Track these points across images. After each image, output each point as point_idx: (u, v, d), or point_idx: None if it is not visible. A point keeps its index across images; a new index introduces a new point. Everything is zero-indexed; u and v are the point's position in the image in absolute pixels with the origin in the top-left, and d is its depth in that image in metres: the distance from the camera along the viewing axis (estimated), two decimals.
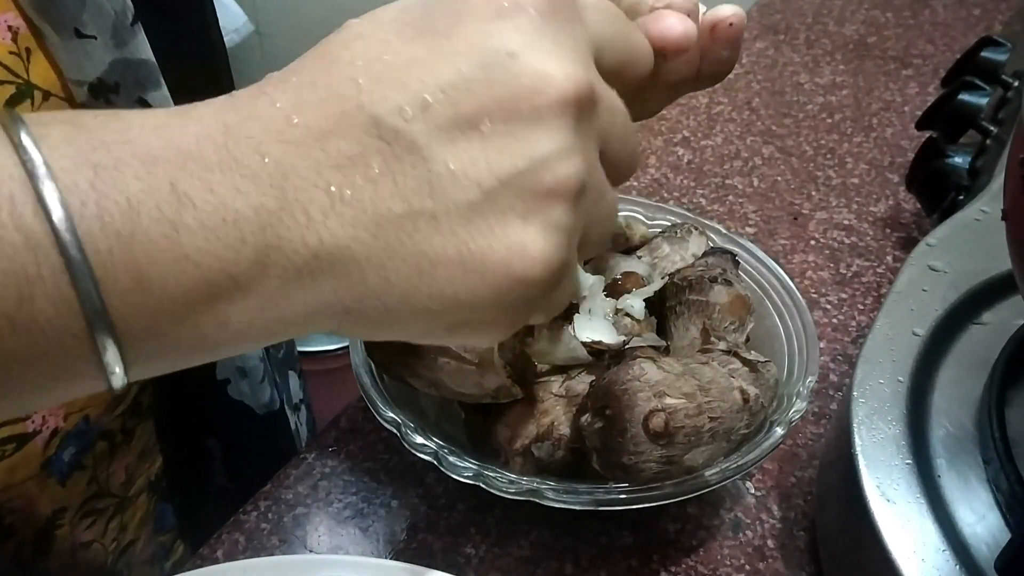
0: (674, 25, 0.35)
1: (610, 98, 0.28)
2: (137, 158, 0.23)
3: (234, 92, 0.26)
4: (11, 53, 0.39)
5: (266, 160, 0.24)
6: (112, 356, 0.23)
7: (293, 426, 0.63)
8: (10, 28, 0.39)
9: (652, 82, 0.40)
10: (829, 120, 0.81)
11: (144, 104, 0.44)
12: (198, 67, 0.52)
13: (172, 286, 0.23)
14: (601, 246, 0.31)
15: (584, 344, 0.45)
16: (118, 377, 0.24)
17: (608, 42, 0.29)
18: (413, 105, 0.24)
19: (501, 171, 0.25)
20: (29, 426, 0.43)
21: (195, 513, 0.60)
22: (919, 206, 0.67)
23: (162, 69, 0.44)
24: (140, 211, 0.22)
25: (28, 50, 0.40)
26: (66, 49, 0.40)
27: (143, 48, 0.43)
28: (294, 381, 0.65)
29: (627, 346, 0.46)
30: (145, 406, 0.52)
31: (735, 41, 0.37)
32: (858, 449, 0.42)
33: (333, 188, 0.24)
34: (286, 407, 0.61)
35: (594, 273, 0.51)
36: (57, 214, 0.22)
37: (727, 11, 0.37)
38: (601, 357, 0.46)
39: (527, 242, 0.25)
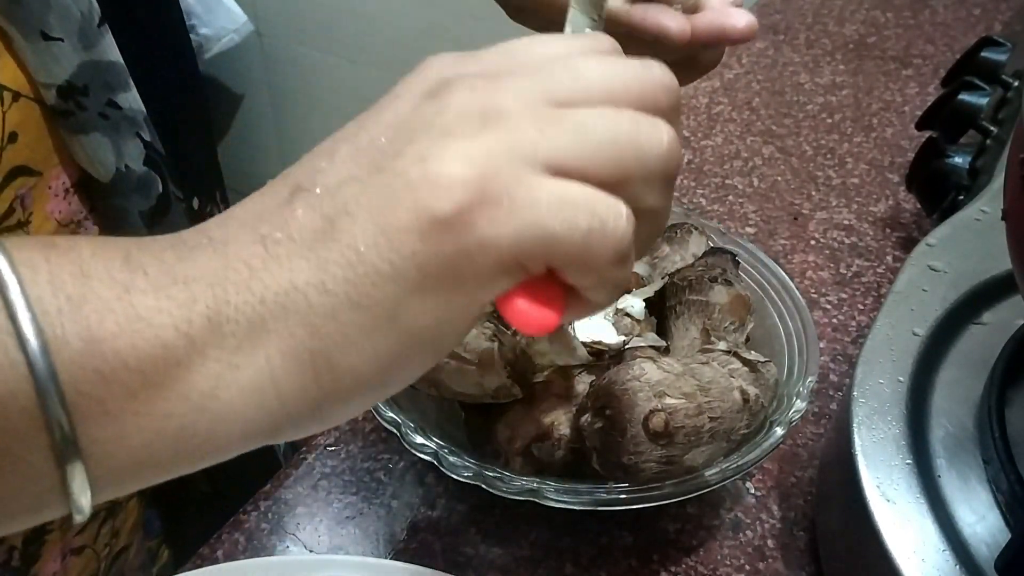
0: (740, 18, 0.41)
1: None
2: (92, 243, 0.24)
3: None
4: None
5: (212, 239, 0.25)
6: (79, 483, 0.23)
7: None
8: None
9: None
10: (829, 120, 0.81)
11: (114, 106, 0.44)
12: (167, 68, 0.52)
13: (125, 347, 0.23)
14: (659, 189, 0.27)
15: (584, 344, 0.45)
16: (85, 504, 0.24)
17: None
18: (326, 159, 0.26)
19: (395, 149, 0.25)
20: None
21: (179, 519, 0.60)
22: (919, 206, 0.67)
23: (131, 71, 0.44)
24: (92, 277, 0.23)
25: None
26: (33, 51, 0.40)
27: (111, 50, 0.43)
28: None
29: (627, 346, 0.46)
30: None
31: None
32: (858, 449, 0.42)
33: (267, 239, 0.25)
34: None
35: None
36: (9, 279, 0.22)
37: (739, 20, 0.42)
38: (601, 357, 0.46)
39: (427, 175, 0.24)
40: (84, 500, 0.23)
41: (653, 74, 0.28)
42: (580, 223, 0.25)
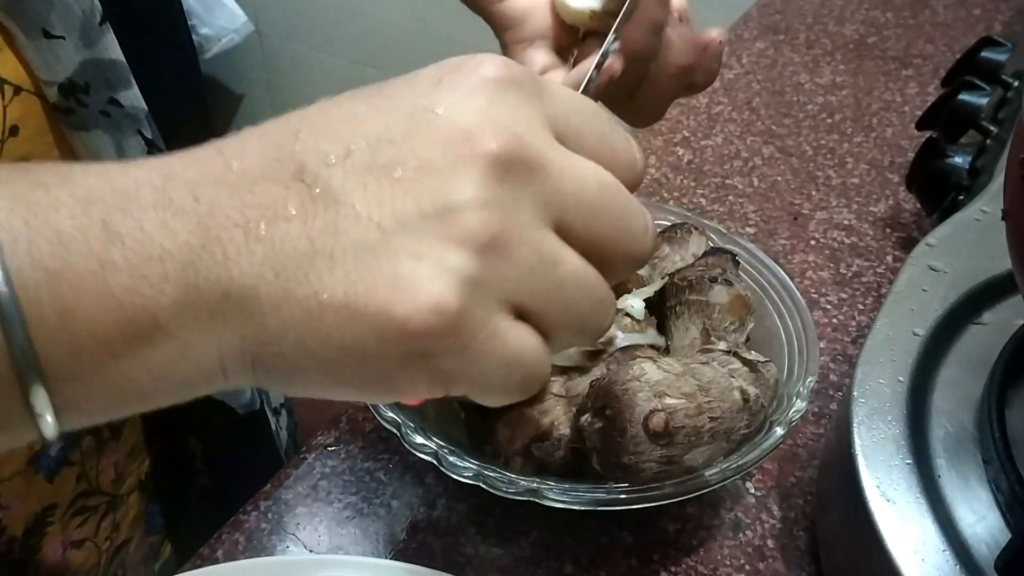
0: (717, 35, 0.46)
1: (574, 167, 0.27)
2: (73, 197, 0.23)
3: (192, 149, 0.26)
4: None
5: (199, 201, 0.24)
6: (41, 400, 0.23)
7: (273, 428, 0.62)
8: None
9: (648, 91, 0.43)
10: (829, 120, 0.81)
11: (115, 104, 0.44)
12: (168, 66, 0.52)
13: (96, 324, 0.23)
14: (578, 335, 0.28)
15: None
16: (48, 424, 0.24)
17: (576, 127, 0.28)
18: (337, 153, 0.25)
19: (403, 213, 0.24)
20: None
21: (181, 514, 0.60)
22: (919, 206, 0.67)
23: (132, 69, 0.44)
24: (70, 247, 0.23)
25: None
26: (35, 49, 0.40)
27: (112, 48, 0.43)
28: None
29: (625, 345, 0.46)
30: None
31: (720, 55, 0.47)
32: (858, 449, 0.42)
33: (251, 225, 0.24)
34: (266, 409, 0.61)
35: None
36: None
37: (715, 32, 0.47)
38: (598, 358, 0.46)
39: (413, 282, 0.24)
40: (48, 420, 0.24)
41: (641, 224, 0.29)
42: (513, 383, 0.26)
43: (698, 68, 0.47)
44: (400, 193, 0.25)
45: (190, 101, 0.56)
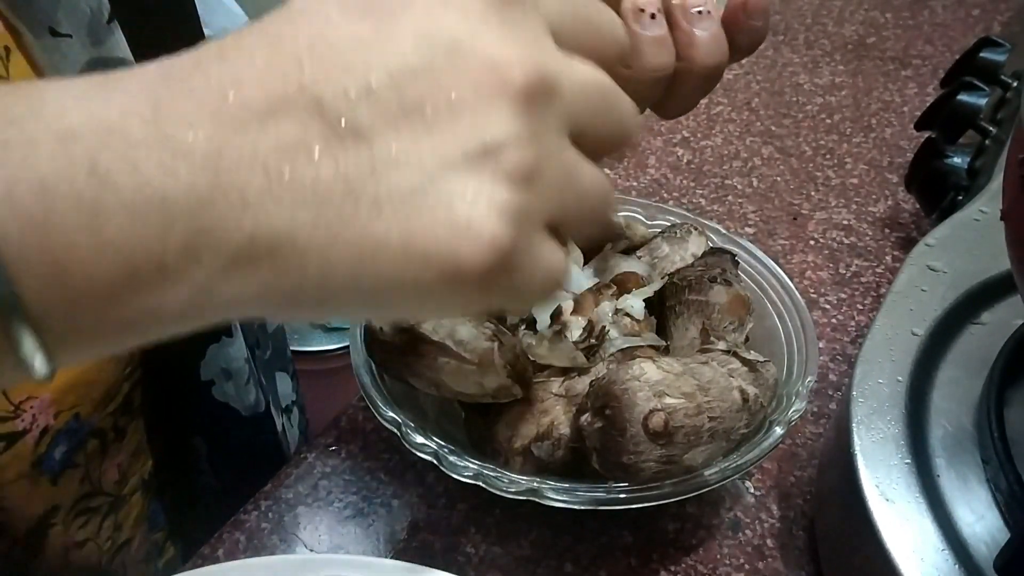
0: None
1: (578, 74, 0.27)
2: (52, 134, 0.21)
3: (166, 60, 0.24)
4: None
5: (199, 137, 0.22)
6: (29, 348, 0.22)
7: (280, 428, 0.62)
8: None
9: (678, 91, 0.41)
10: (828, 120, 0.81)
11: None
12: None
13: (94, 274, 0.21)
14: (592, 226, 0.29)
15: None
16: (40, 367, 0.22)
17: (568, 23, 0.28)
18: (357, 88, 0.23)
19: (445, 154, 0.24)
20: (19, 424, 0.43)
21: (185, 513, 0.60)
22: (918, 206, 0.67)
23: (106, 74, 0.44)
24: (55, 194, 0.21)
25: (7, 49, 0.40)
26: (42, 48, 0.40)
27: (120, 47, 0.43)
28: (284, 383, 0.65)
29: (625, 345, 0.46)
30: (136, 404, 0.52)
31: (765, 11, 0.41)
32: (857, 449, 0.42)
33: (272, 169, 0.23)
34: (272, 409, 0.61)
35: (596, 273, 0.51)
36: None
37: None
38: (593, 354, 0.46)
39: (472, 224, 0.24)
40: (37, 361, 0.22)
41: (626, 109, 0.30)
42: (545, 293, 0.27)
43: (740, 31, 0.41)
44: (437, 132, 0.24)
45: None
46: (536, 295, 0.27)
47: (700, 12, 0.40)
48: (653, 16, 0.39)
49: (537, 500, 0.41)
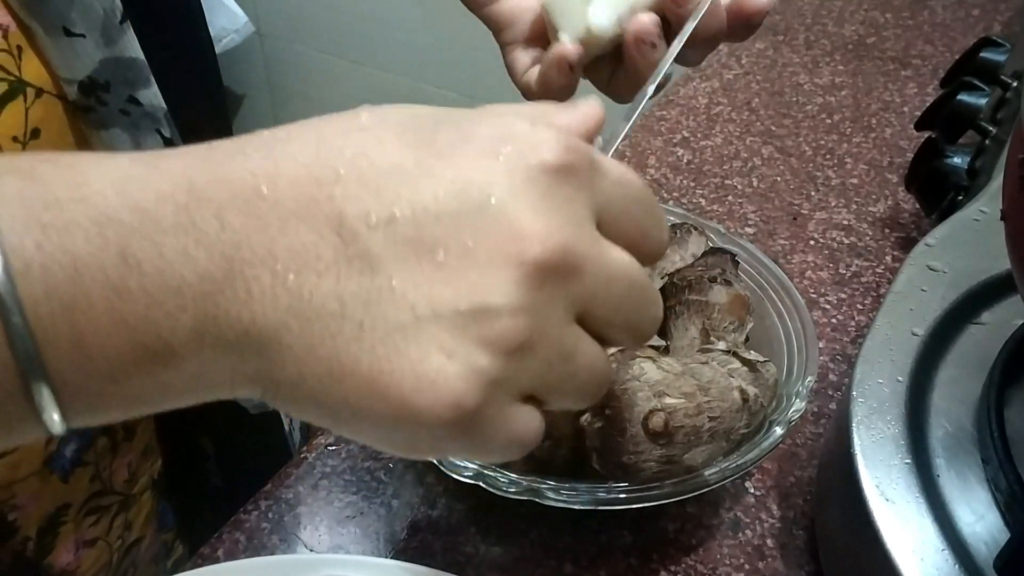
0: None
1: (609, 263, 0.27)
2: (90, 219, 0.23)
3: (214, 143, 0.25)
4: (2, 50, 0.39)
5: (224, 228, 0.23)
6: (49, 413, 0.23)
7: (286, 427, 0.63)
8: (0, 26, 0.39)
9: (691, 40, 0.41)
10: (828, 120, 0.81)
11: (135, 103, 0.44)
12: (188, 65, 0.52)
13: (110, 350, 0.23)
14: (577, 404, 0.29)
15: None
16: (56, 425, 0.24)
17: (618, 213, 0.28)
18: (379, 215, 0.24)
19: (440, 303, 0.24)
20: None
21: (192, 512, 0.60)
22: (918, 206, 0.67)
23: (152, 67, 0.44)
24: (85, 275, 0.22)
25: (20, 48, 0.40)
26: (56, 47, 0.40)
27: (133, 46, 0.43)
28: None
29: None
30: None
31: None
32: (857, 449, 0.42)
33: (279, 269, 0.24)
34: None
35: None
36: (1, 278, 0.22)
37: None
38: None
39: (439, 378, 0.24)
40: (54, 420, 0.24)
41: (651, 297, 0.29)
42: (512, 452, 0.27)
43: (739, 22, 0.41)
44: (440, 279, 0.24)
45: (208, 100, 0.56)
46: (496, 456, 0.27)
47: None
48: (654, 45, 0.39)
49: (537, 500, 0.41)
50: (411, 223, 0.24)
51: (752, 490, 0.50)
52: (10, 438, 0.25)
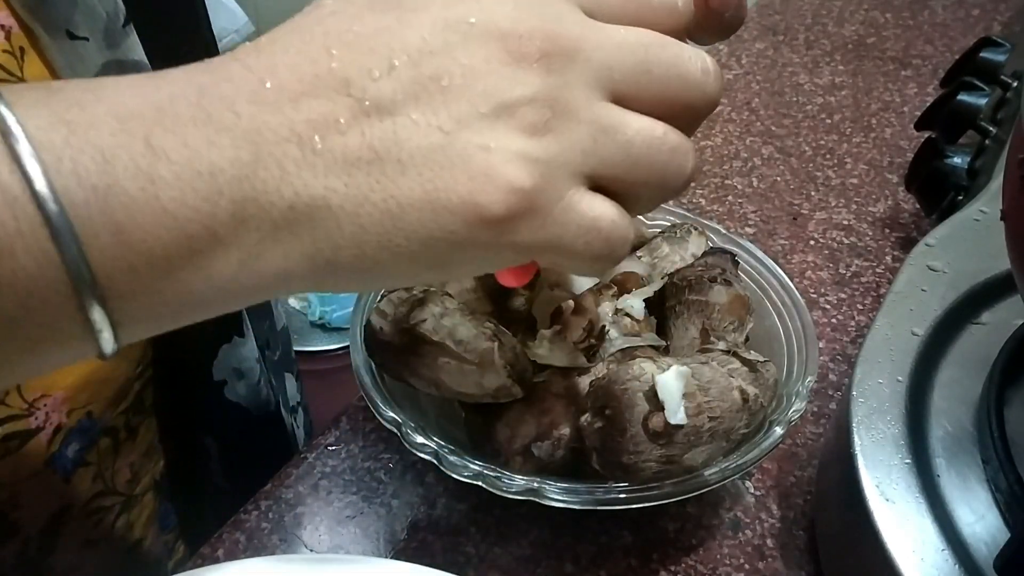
0: None
1: (610, 38, 0.28)
2: (111, 115, 0.23)
3: (207, 59, 0.26)
4: (5, 51, 0.39)
5: (240, 117, 0.24)
6: (98, 315, 0.23)
7: (289, 428, 0.63)
8: (3, 27, 0.39)
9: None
10: (828, 120, 0.81)
11: None
12: None
13: (152, 239, 0.23)
14: (660, 181, 0.29)
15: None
16: (107, 339, 0.24)
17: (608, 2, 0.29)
18: (380, 68, 0.26)
19: (462, 116, 0.26)
20: (32, 422, 0.44)
21: (194, 513, 0.60)
22: (918, 206, 0.67)
23: (155, 70, 0.44)
24: (115, 164, 0.23)
25: (22, 49, 0.40)
26: (59, 50, 0.40)
27: (136, 49, 0.43)
28: (291, 384, 0.65)
29: (625, 345, 0.46)
30: (148, 403, 0.52)
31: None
32: (857, 449, 0.42)
33: (305, 140, 0.25)
34: (282, 409, 0.61)
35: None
36: (32, 170, 0.22)
37: None
38: (593, 354, 0.46)
39: (489, 171, 0.25)
40: (107, 335, 0.24)
41: (694, 65, 0.29)
42: (596, 249, 0.28)
43: (708, 20, 0.36)
44: (453, 99, 0.26)
45: None
46: (583, 250, 0.28)
47: None
48: None
49: (537, 500, 0.41)
50: (410, 65, 0.26)
51: (752, 490, 0.50)
52: (58, 354, 0.25)
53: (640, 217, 0.57)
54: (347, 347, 0.48)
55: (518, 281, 0.36)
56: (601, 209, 0.27)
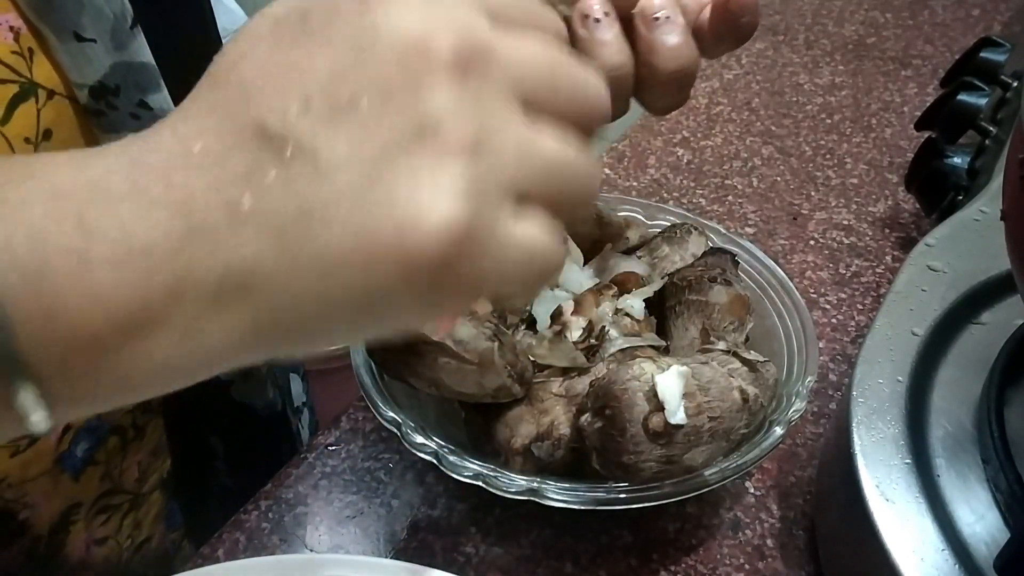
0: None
1: (519, 46, 0.27)
2: (44, 192, 0.23)
3: (141, 132, 0.25)
4: (13, 52, 0.39)
5: (171, 187, 0.23)
6: (29, 399, 0.23)
7: (295, 428, 0.63)
8: (11, 28, 0.39)
9: (650, 95, 0.40)
10: (828, 120, 0.81)
11: (145, 107, 0.44)
12: (198, 69, 0.52)
13: (85, 322, 0.22)
14: (572, 200, 0.28)
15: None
16: (38, 421, 0.23)
17: (503, 7, 0.28)
18: (296, 105, 0.24)
19: (384, 144, 0.24)
20: None
21: (200, 512, 0.60)
22: (918, 206, 0.67)
23: (162, 72, 0.44)
24: (47, 243, 0.22)
25: (31, 50, 0.40)
26: (67, 52, 0.40)
27: (143, 51, 0.43)
28: (296, 384, 0.66)
29: (625, 346, 0.46)
30: (155, 402, 0.53)
31: (752, 6, 0.38)
32: (857, 449, 0.42)
33: (232, 203, 0.23)
34: (288, 409, 0.61)
35: (596, 273, 0.51)
36: None
37: None
38: (593, 355, 0.46)
39: (418, 209, 0.23)
40: (37, 418, 0.23)
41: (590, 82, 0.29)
42: (535, 268, 0.26)
43: (726, 27, 0.38)
44: (372, 124, 0.24)
45: None
46: (520, 279, 0.26)
47: (658, 19, 0.38)
48: (598, 20, 0.37)
49: (537, 500, 0.41)
50: (324, 94, 0.24)
51: (752, 490, 0.50)
52: None
53: (639, 217, 0.57)
54: (347, 347, 0.48)
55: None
56: (538, 229, 0.26)
